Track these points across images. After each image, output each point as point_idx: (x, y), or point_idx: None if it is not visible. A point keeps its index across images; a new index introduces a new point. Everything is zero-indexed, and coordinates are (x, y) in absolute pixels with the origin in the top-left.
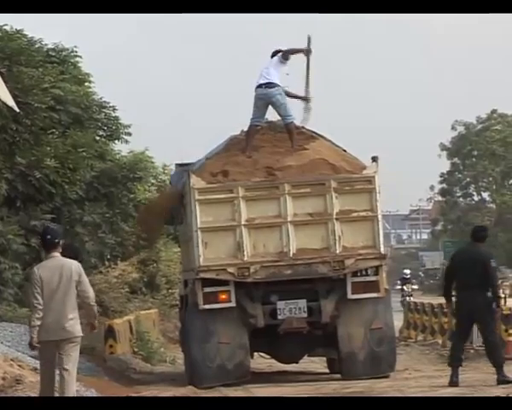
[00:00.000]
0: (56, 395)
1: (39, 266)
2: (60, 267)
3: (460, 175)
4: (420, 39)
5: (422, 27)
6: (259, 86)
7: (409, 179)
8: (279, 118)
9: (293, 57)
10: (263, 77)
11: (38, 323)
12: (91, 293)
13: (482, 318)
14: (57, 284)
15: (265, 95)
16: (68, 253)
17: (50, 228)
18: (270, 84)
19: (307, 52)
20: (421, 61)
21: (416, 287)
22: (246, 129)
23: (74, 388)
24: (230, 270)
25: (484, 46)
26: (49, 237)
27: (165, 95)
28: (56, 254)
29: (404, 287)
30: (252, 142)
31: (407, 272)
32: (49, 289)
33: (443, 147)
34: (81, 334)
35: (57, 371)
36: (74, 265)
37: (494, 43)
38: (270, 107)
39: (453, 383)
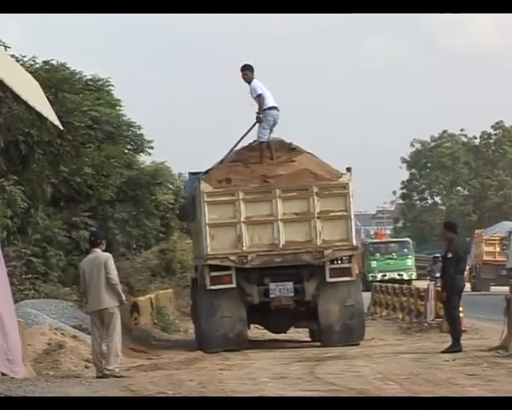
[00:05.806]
0: (104, 347)
1: (83, 261)
2: (94, 259)
3: (417, 183)
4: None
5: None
6: (275, 108)
7: (376, 185)
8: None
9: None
10: (271, 100)
11: (85, 300)
12: (114, 275)
13: None
14: (91, 271)
15: (278, 116)
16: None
17: (95, 232)
18: (277, 108)
19: (259, 119)
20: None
21: None
22: (255, 143)
23: (118, 341)
24: (232, 258)
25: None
26: (93, 238)
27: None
28: (97, 250)
29: None
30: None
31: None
32: (89, 276)
33: (403, 160)
34: (114, 304)
35: (105, 331)
36: (104, 256)
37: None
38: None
39: None
